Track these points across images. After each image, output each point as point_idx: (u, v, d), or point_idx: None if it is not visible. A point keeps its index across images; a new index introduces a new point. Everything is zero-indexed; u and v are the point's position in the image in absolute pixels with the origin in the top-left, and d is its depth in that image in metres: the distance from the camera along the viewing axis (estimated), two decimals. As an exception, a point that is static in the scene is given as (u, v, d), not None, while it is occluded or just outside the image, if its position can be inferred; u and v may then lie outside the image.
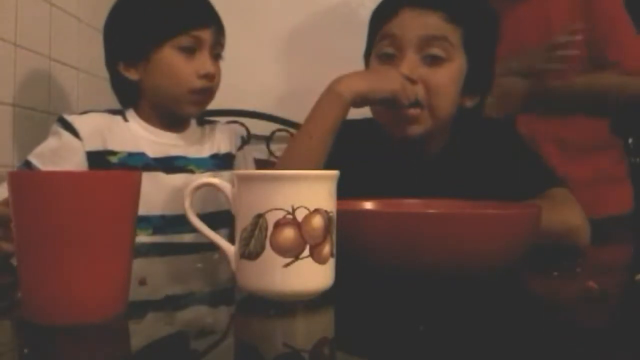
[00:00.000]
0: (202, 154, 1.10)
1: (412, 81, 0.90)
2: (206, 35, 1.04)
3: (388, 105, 0.91)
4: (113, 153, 1.02)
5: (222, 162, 1.11)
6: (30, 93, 1.14)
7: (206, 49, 1.04)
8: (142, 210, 0.49)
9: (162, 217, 1.02)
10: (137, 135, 1.05)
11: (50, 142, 1.00)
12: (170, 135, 1.09)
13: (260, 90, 1.63)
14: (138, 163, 1.02)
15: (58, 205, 0.42)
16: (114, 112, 1.07)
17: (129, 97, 1.08)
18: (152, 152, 1.05)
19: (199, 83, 1.03)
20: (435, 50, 0.91)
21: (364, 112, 0.99)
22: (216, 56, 1.07)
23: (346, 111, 0.91)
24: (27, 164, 0.97)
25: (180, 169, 1.06)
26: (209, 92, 1.06)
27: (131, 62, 1.04)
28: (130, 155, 1.03)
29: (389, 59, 0.94)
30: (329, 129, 0.90)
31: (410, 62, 0.91)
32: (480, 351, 0.41)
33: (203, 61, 1.03)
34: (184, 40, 1.02)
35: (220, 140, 1.14)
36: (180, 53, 1.02)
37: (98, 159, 1.00)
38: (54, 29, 1.22)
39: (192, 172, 1.06)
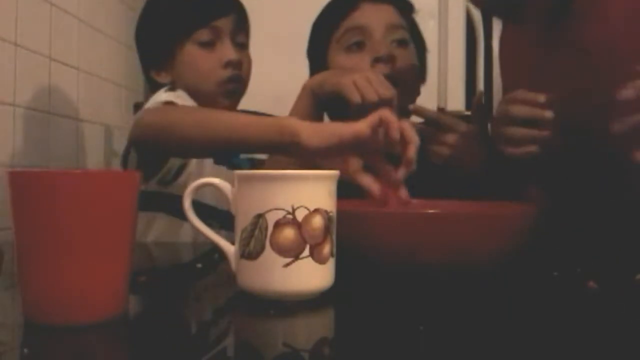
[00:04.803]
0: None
1: (392, 58, 0.96)
2: (224, 24, 1.03)
3: (342, 105, 0.88)
4: None
5: None
6: (30, 93, 1.14)
7: (227, 38, 1.03)
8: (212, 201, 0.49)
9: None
10: None
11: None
12: None
13: (260, 90, 1.63)
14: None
15: (58, 205, 0.42)
16: None
17: None
18: None
19: (224, 73, 1.02)
20: (399, 35, 1.00)
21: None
22: (240, 45, 1.06)
23: (310, 100, 0.92)
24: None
25: (240, 167, 1.05)
26: (238, 81, 1.04)
27: (160, 66, 1.05)
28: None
29: (359, 48, 0.98)
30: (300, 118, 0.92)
31: (385, 43, 0.97)
32: (480, 351, 0.41)
33: (224, 50, 1.02)
34: (203, 34, 1.02)
35: None
36: (201, 47, 1.02)
37: None
38: (54, 29, 1.22)
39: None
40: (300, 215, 0.49)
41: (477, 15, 1.78)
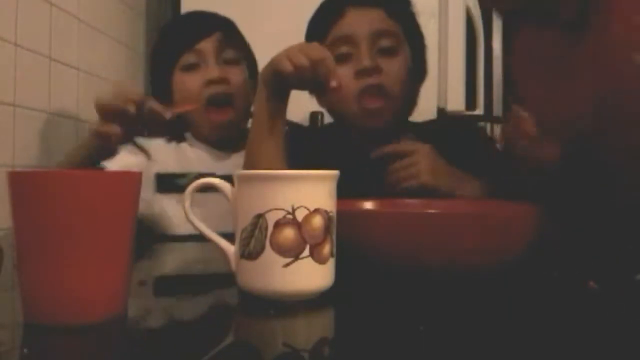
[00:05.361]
0: None
1: (377, 69, 0.95)
2: (205, 45, 1.06)
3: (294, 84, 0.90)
4: (182, 175, 1.05)
5: None
6: (30, 93, 1.14)
7: (210, 58, 1.06)
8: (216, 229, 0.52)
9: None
10: (199, 157, 1.10)
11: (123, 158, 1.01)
12: (229, 155, 1.12)
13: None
14: None
15: (58, 205, 0.42)
16: (171, 139, 1.12)
17: (178, 131, 1.13)
18: (218, 170, 1.08)
19: (207, 91, 1.04)
20: (386, 42, 0.98)
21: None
22: (228, 61, 1.08)
23: (263, 93, 0.89)
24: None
25: None
26: (226, 98, 1.06)
27: (163, 97, 1.08)
28: (202, 175, 1.07)
29: (347, 59, 0.97)
30: (260, 119, 0.91)
31: (370, 54, 0.96)
32: (480, 351, 0.41)
33: (207, 70, 1.05)
34: (187, 59, 1.06)
35: None
36: (186, 72, 1.06)
37: (167, 180, 1.05)
38: (54, 29, 1.22)
39: None
40: (300, 215, 0.49)
41: (477, 15, 1.78)
